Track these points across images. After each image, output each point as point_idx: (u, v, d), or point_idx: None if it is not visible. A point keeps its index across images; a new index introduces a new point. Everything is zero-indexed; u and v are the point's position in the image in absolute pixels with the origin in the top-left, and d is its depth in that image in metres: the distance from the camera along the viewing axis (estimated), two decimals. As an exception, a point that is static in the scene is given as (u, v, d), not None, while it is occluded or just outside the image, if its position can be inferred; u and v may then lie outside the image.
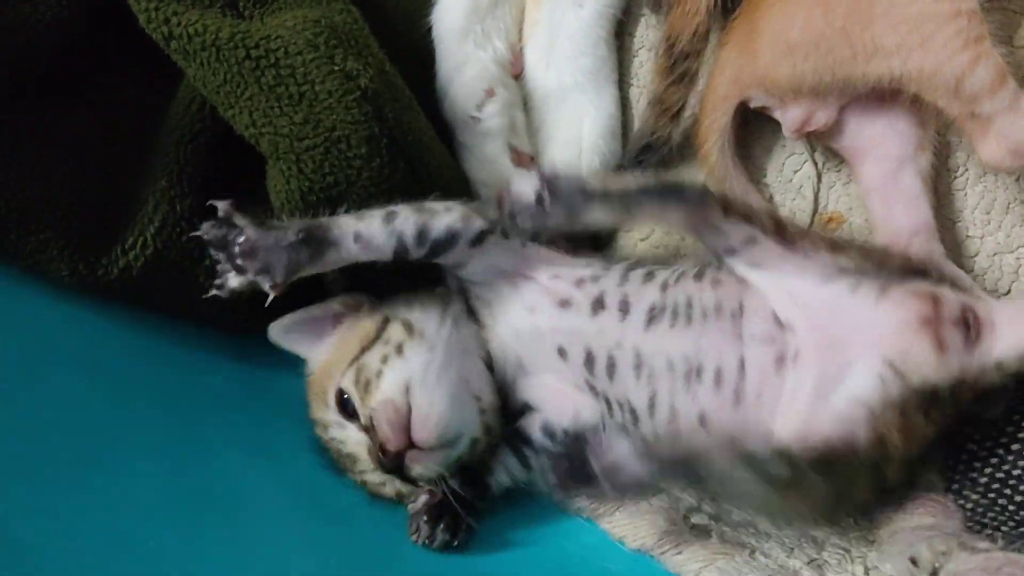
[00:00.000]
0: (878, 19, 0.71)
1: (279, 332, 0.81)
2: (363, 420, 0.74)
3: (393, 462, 0.71)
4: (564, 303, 0.76)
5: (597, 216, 0.69)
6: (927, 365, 0.66)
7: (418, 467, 0.72)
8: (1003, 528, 0.71)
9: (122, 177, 0.85)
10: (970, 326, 0.69)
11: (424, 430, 0.71)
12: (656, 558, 0.74)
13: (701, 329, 0.72)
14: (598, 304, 0.76)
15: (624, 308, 0.75)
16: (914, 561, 0.66)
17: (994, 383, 0.70)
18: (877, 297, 0.69)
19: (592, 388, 0.76)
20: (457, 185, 0.87)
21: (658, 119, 0.85)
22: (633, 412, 0.74)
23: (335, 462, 0.77)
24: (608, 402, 0.75)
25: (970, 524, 0.72)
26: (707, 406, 0.71)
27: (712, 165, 0.83)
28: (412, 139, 0.80)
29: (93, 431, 0.73)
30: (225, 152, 0.86)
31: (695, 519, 0.77)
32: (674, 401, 0.72)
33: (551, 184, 0.69)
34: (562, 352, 0.76)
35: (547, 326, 0.77)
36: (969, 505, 0.73)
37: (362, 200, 0.79)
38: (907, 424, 0.66)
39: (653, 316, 0.74)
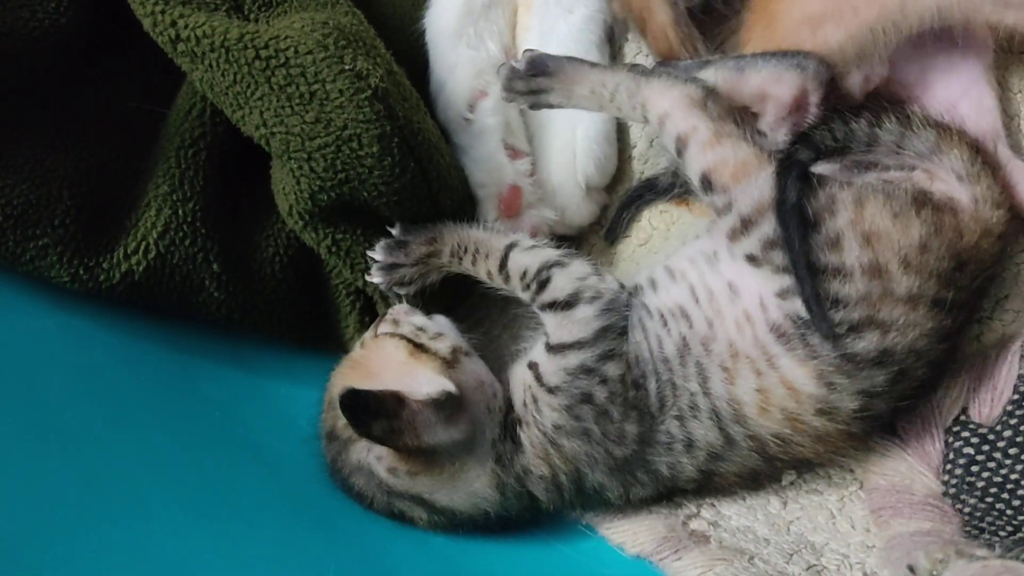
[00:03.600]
0: None
1: None
2: None
3: None
4: None
5: None
6: None
7: None
8: (1000, 533, 0.71)
9: (121, 183, 0.86)
10: None
11: None
12: (655, 564, 0.75)
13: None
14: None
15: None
16: (912, 569, 0.67)
17: None
18: None
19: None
20: (464, 187, 0.87)
21: None
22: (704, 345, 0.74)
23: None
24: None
25: (968, 529, 0.73)
26: (731, 276, 0.74)
27: None
28: (422, 139, 0.80)
29: (91, 438, 0.74)
30: (227, 157, 0.86)
31: (694, 525, 0.77)
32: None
33: None
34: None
35: None
36: (967, 509, 0.73)
37: (372, 199, 0.79)
38: None
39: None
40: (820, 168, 0.74)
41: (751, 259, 0.73)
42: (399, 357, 0.75)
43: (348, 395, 0.70)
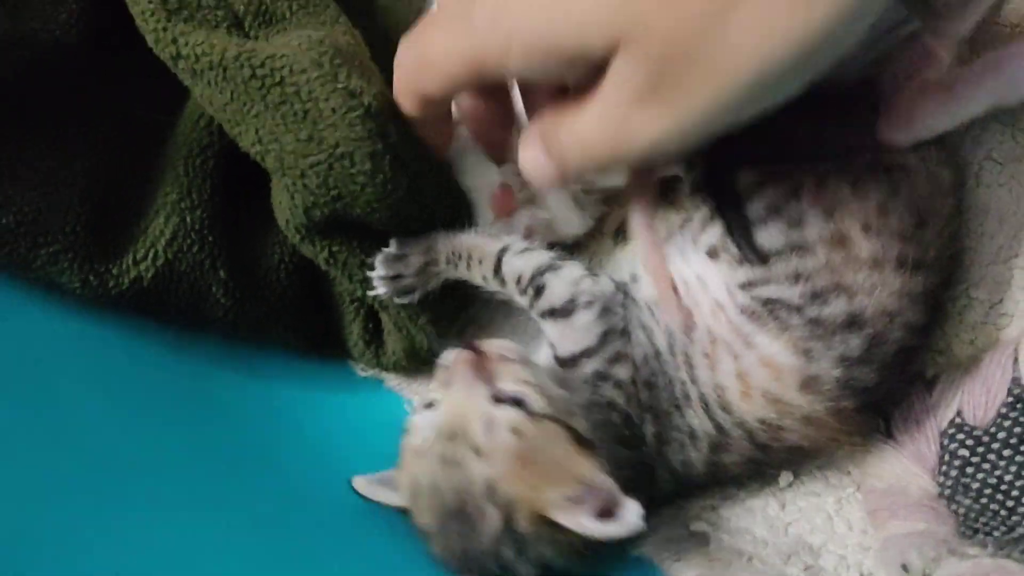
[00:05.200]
0: None
1: (363, 486, 0.76)
2: None
3: None
4: None
5: None
6: None
7: None
8: (995, 533, 0.72)
9: (131, 190, 0.86)
10: None
11: None
12: (655, 564, 0.75)
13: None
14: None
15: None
16: (905, 568, 0.68)
17: None
18: None
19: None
20: (458, 200, 0.88)
21: None
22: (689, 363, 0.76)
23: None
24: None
25: (962, 529, 0.74)
26: (699, 270, 0.77)
27: None
28: (416, 155, 0.80)
29: (101, 443, 0.74)
30: (233, 166, 0.87)
31: (694, 526, 0.78)
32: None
33: None
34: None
35: None
36: (962, 510, 0.74)
37: (366, 215, 0.80)
38: None
39: None
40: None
41: (711, 253, 0.76)
42: (567, 455, 0.70)
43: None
